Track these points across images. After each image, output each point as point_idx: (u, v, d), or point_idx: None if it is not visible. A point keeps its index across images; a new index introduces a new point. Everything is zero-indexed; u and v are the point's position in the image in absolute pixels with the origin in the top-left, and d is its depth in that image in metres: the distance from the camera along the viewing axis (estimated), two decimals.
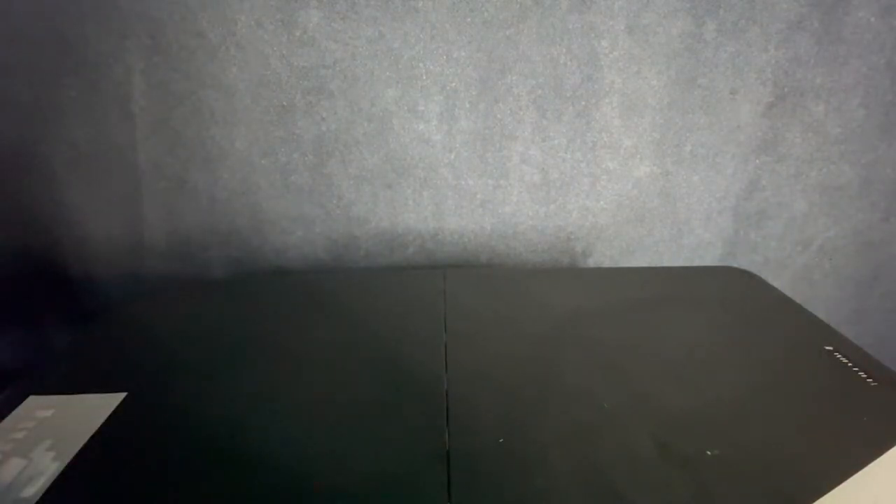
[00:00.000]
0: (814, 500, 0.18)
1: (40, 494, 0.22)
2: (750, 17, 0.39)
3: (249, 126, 0.42)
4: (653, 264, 0.46)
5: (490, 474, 0.19)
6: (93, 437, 0.25)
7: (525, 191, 0.44)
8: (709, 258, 0.47)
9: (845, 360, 0.25)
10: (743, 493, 0.24)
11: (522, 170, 0.43)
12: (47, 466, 0.23)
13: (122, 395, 0.29)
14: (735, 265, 0.44)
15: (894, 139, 0.43)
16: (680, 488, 0.25)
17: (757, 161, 0.44)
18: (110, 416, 0.27)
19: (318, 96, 0.41)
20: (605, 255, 0.47)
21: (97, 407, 0.28)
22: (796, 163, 0.44)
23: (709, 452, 0.26)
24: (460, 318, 0.31)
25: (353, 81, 0.41)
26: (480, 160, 0.43)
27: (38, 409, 0.27)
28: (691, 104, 0.42)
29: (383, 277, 0.43)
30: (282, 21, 0.39)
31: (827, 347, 0.26)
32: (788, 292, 0.33)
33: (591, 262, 0.47)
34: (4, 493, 0.21)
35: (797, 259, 0.47)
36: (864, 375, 0.24)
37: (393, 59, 0.40)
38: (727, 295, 0.33)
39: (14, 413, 0.26)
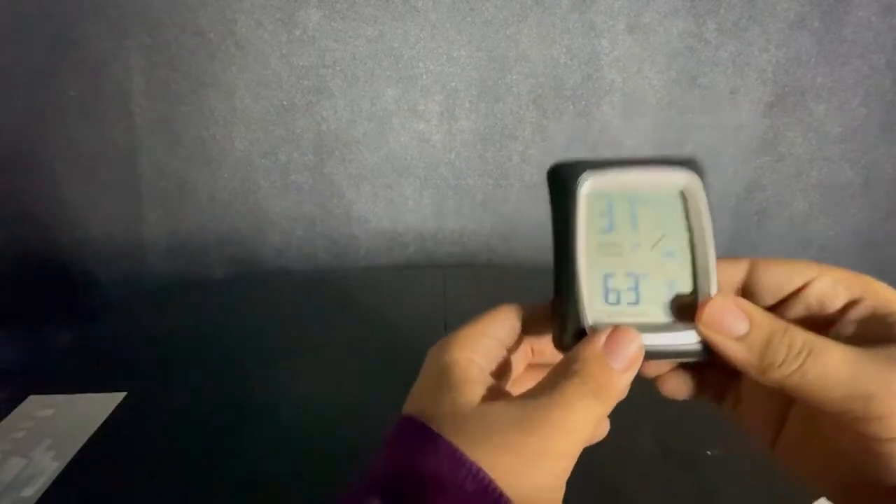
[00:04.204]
0: (814, 501, 0.18)
1: (40, 494, 0.22)
2: (751, 16, 0.39)
3: (249, 126, 0.42)
4: None
5: None
6: (93, 437, 0.26)
7: (525, 190, 0.44)
8: None
9: None
10: (743, 493, 0.24)
11: (522, 169, 0.43)
12: (47, 466, 0.23)
13: (122, 394, 0.29)
14: None
15: (895, 138, 0.43)
16: (680, 488, 0.25)
17: (757, 161, 0.44)
18: (110, 416, 0.27)
19: (318, 96, 0.41)
20: None
21: (97, 407, 0.28)
22: (797, 162, 0.44)
23: (709, 452, 0.27)
24: (460, 318, 0.31)
25: (353, 81, 0.41)
26: (480, 160, 0.43)
27: (38, 408, 0.27)
28: (692, 104, 0.42)
29: (383, 277, 0.43)
30: (281, 20, 0.39)
31: None
32: None
33: None
34: (4, 493, 0.21)
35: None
36: None
37: (393, 59, 0.40)
38: None
39: (14, 413, 0.27)
